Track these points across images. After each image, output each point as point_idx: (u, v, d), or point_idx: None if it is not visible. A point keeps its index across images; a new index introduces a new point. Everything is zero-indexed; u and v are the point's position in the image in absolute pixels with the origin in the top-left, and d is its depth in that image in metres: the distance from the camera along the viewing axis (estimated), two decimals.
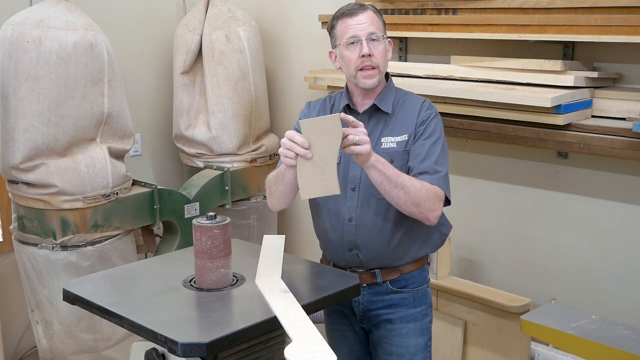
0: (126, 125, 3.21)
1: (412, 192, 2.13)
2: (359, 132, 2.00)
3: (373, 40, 2.21)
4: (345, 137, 1.99)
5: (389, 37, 2.30)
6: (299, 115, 2.47)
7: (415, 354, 2.36)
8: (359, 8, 2.24)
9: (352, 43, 2.21)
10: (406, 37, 3.38)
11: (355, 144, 1.99)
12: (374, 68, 2.21)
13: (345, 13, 2.24)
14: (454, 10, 3.04)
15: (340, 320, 2.46)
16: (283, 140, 2.04)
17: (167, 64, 3.95)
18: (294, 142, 2.00)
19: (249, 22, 3.78)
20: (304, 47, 3.90)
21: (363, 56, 2.20)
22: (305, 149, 1.98)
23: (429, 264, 2.43)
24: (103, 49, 3.04)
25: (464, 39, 3.10)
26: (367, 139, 2.02)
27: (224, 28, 3.69)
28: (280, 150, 2.05)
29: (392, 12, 3.25)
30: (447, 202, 2.25)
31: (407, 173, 2.22)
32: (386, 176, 2.09)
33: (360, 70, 2.22)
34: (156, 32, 3.93)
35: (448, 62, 3.18)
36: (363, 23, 2.21)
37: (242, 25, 3.74)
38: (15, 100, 2.93)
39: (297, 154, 2.00)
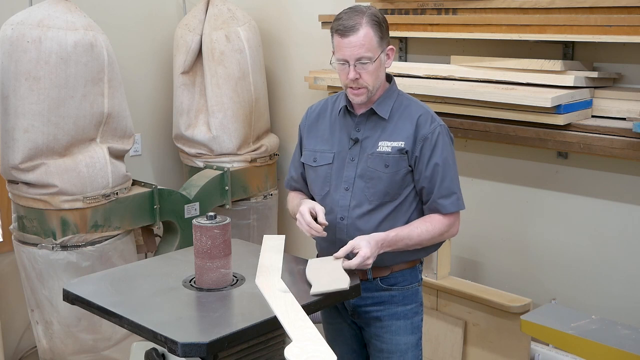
0: (126, 125, 3.21)
1: (426, 243, 2.29)
2: (364, 266, 2.17)
3: (362, 63, 2.18)
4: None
5: (391, 45, 2.26)
6: (302, 117, 2.49)
7: (405, 351, 2.37)
8: (352, 27, 2.16)
9: (342, 64, 2.21)
10: (406, 37, 3.38)
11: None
12: (360, 88, 2.22)
13: (338, 31, 2.19)
14: (454, 10, 3.04)
15: (335, 314, 2.47)
16: (299, 218, 2.25)
17: (167, 64, 3.95)
18: (309, 226, 2.22)
19: (249, 22, 3.78)
20: (304, 47, 3.90)
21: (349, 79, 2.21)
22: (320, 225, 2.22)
23: (421, 262, 2.43)
24: (103, 49, 3.04)
25: (464, 39, 3.10)
26: (370, 265, 2.17)
27: (224, 28, 3.69)
28: (301, 228, 2.26)
29: (392, 12, 3.25)
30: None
31: (418, 189, 2.29)
32: (398, 248, 2.25)
33: (350, 87, 2.23)
34: (156, 32, 3.93)
35: (448, 62, 3.18)
36: (353, 47, 2.16)
37: (242, 25, 3.74)
38: (15, 100, 2.93)
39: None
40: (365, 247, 2.14)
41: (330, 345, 1.79)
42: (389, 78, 2.35)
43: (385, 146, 2.26)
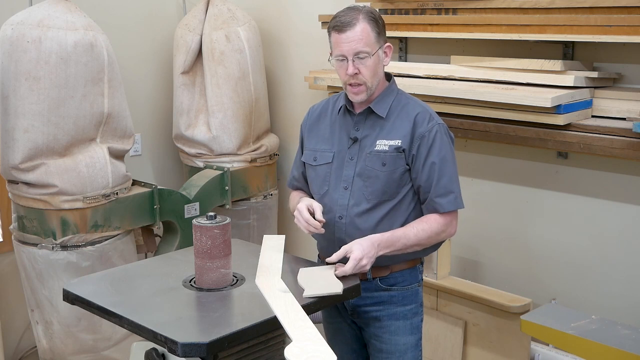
0: (126, 125, 3.21)
1: (424, 243, 2.28)
2: (360, 269, 2.16)
3: (360, 58, 2.19)
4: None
5: (388, 42, 2.27)
6: (304, 117, 2.49)
7: (405, 351, 2.36)
8: (349, 23, 2.18)
9: (341, 60, 2.22)
10: (406, 37, 3.38)
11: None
12: (360, 85, 2.22)
13: (335, 27, 2.21)
14: (454, 10, 3.04)
15: (335, 314, 2.47)
16: (297, 215, 2.25)
17: (167, 64, 3.95)
18: (308, 222, 2.21)
19: (249, 22, 3.78)
20: (304, 47, 3.90)
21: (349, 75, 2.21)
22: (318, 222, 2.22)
23: (422, 263, 2.43)
24: (103, 49, 3.04)
25: (464, 39, 3.10)
26: (366, 267, 2.16)
27: (224, 28, 3.69)
28: (299, 225, 2.25)
29: (392, 12, 3.25)
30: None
31: (415, 188, 2.29)
32: (397, 251, 2.24)
33: (349, 85, 2.24)
34: (156, 32, 3.93)
35: (448, 62, 3.18)
36: (351, 41, 2.18)
37: (242, 25, 3.74)
38: (15, 100, 2.93)
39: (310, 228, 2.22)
40: (357, 249, 2.14)
41: (330, 345, 1.80)
42: (389, 77, 2.36)
43: (382, 145, 2.27)
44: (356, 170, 2.28)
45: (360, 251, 2.14)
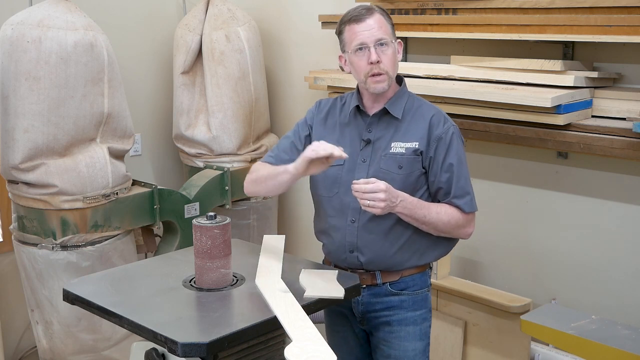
0: (126, 125, 3.21)
1: (440, 226, 2.25)
2: (374, 198, 2.09)
3: (381, 45, 2.19)
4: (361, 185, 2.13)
5: (398, 38, 2.28)
6: (311, 108, 2.46)
7: (413, 358, 2.35)
8: (366, 13, 2.20)
9: (360, 49, 2.20)
10: (406, 37, 3.38)
11: (369, 206, 2.12)
12: (382, 74, 2.21)
13: (352, 19, 2.21)
14: (454, 10, 3.04)
15: (341, 321, 2.46)
16: (314, 146, 2.11)
17: (167, 64, 3.95)
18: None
19: (249, 22, 3.79)
20: (304, 47, 3.90)
21: (372, 63, 2.19)
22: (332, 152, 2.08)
23: (430, 268, 2.42)
24: (103, 49, 3.04)
25: (464, 39, 3.10)
26: (380, 203, 2.09)
27: (224, 28, 3.69)
28: (319, 149, 2.09)
29: (392, 12, 3.24)
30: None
31: (429, 187, 2.28)
32: (413, 218, 2.21)
33: (370, 76, 2.21)
34: (156, 32, 3.93)
35: (448, 62, 3.18)
36: (371, 29, 2.18)
37: (242, 25, 3.74)
38: (15, 100, 2.93)
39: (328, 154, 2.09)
40: (383, 183, 2.11)
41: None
42: (399, 80, 2.34)
43: (398, 147, 2.25)
44: (369, 173, 2.25)
45: (386, 186, 2.11)
